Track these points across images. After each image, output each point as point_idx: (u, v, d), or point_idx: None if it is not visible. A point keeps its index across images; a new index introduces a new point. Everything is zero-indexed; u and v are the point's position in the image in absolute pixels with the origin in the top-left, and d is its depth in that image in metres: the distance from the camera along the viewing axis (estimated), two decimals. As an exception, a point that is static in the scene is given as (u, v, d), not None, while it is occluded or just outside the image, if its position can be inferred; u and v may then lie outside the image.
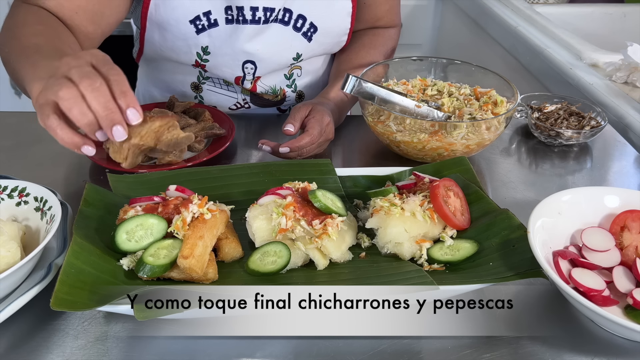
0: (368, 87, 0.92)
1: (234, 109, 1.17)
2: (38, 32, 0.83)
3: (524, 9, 1.69)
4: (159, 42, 1.05)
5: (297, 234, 0.69)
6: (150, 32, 1.04)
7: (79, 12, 0.92)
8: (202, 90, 1.15)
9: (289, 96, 1.18)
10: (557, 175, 0.98)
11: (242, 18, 1.01)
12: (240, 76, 1.09)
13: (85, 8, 0.92)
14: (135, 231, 0.67)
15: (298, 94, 1.19)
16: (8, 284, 0.62)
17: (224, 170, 0.85)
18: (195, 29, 1.01)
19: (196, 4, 0.99)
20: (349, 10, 1.07)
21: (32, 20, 0.86)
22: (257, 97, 1.15)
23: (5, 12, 0.93)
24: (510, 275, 0.65)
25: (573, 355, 0.62)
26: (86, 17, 0.93)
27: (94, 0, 0.93)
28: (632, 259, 0.69)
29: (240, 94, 1.14)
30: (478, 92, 1.03)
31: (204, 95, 1.15)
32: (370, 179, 0.85)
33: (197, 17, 1.00)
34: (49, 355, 0.60)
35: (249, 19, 1.01)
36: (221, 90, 1.14)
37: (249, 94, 1.14)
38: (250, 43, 1.04)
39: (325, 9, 1.05)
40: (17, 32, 0.84)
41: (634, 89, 1.24)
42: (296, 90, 1.18)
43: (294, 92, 1.18)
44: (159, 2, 0.99)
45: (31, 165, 0.94)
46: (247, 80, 1.10)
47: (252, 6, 1.00)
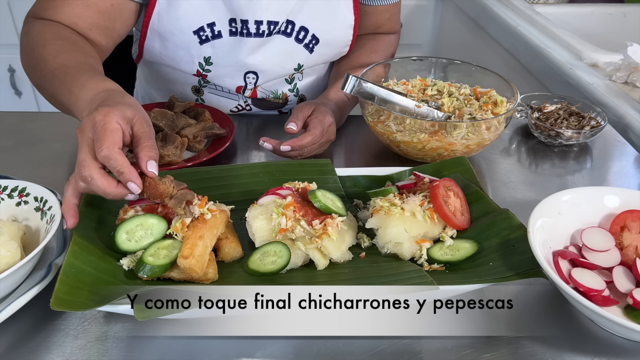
0: (368, 87, 0.92)
1: (236, 111, 1.17)
2: (60, 49, 0.84)
3: (524, 9, 1.69)
4: (159, 51, 1.05)
5: (297, 234, 0.69)
6: (151, 40, 1.04)
7: (93, 29, 0.94)
8: (204, 93, 1.15)
9: (291, 100, 1.18)
10: (557, 175, 0.98)
11: (245, 31, 1.01)
12: (241, 86, 1.10)
13: (98, 25, 0.94)
14: (135, 231, 0.67)
15: (300, 98, 1.19)
16: (8, 284, 0.62)
17: (224, 170, 0.85)
18: (199, 39, 1.01)
19: (200, 15, 0.99)
20: (351, 22, 1.07)
21: (50, 36, 0.87)
22: (259, 100, 1.15)
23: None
24: (510, 275, 0.65)
25: (573, 355, 0.62)
26: (99, 33, 0.95)
27: (105, 17, 0.94)
28: (632, 259, 0.69)
29: (242, 98, 1.15)
30: (478, 92, 1.03)
31: (205, 97, 1.16)
32: (370, 179, 0.85)
33: (201, 28, 1.00)
34: (49, 355, 0.60)
35: (252, 32, 1.01)
36: (222, 94, 1.14)
37: (250, 98, 1.15)
38: (253, 55, 1.04)
39: (328, 21, 1.05)
40: (40, 53, 0.85)
41: (634, 89, 1.24)
42: (298, 94, 1.18)
43: (296, 97, 1.18)
44: (162, 12, 0.99)
45: (31, 165, 0.94)
46: (248, 89, 1.11)
47: (256, 20, 1.00)
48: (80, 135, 0.66)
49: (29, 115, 1.17)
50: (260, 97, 1.14)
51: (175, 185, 0.67)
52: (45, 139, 1.02)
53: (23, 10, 0.99)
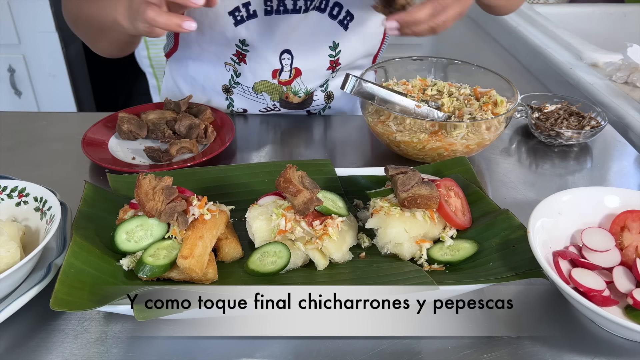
0: (368, 87, 0.92)
1: (264, 111, 1.17)
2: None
3: (524, 9, 1.69)
4: (195, 37, 1.05)
5: (296, 234, 0.69)
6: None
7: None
8: (233, 93, 1.15)
9: (317, 96, 1.17)
10: (557, 175, 0.98)
11: (282, 8, 1.00)
12: (277, 69, 1.09)
13: None
14: (135, 231, 0.67)
15: (327, 94, 1.18)
16: (8, 284, 0.62)
17: (224, 170, 0.85)
18: (234, 20, 1.01)
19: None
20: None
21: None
22: (286, 102, 1.14)
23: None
24: (510, 275, 0.65)
25: (573, 355, 0.62)
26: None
27: None
28: (632, 259, 0.69)
29: (270, 100, 1.14)
30: (478, 92, 1.03)
31: (235, 98, 1.15)
32: (370, 179, 0.85)
33: (237, 9, 1.00)
34: (49, 356, 0.60)
35: (289, 9, 1.00)
36: (250, 97, 1.14)
37: (278, 100, 1.14)
38: (288, 32, 1.03)
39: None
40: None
41: (634, 89, 1.24)
42: (326, 90, 1.17)
43: (324, 92, 1.17)
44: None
45: (31, 165, 0.94)
46: (284, 71, 1.09)
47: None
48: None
49: (29, 115, 1.17)
50: (293, 87, 1.12)
51: (166, 196, 0.67)
52: (45, 139, 1.02)
53: (23, 10, 0.99)
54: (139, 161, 0.95)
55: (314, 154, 1.02)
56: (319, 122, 1.14)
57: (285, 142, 1.07)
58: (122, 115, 1.01)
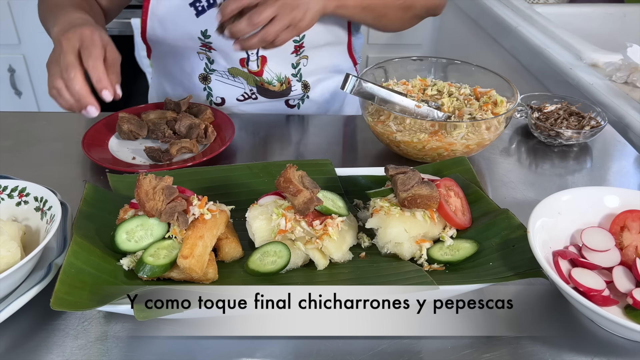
0: (368, 87, 0.92)
1: (242, 99, 1.17)
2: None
3: (524, 9, 1.69)
4: (162, 35, 1.07)
5: (296, 234, 0.69)
6: (152, 28, 1.05)
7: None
8: (211, 80, 1.15)
9: (294, 86, 1.18)
10: (557, 175, 0.98)
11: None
12: (244, 58, 1.10)
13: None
14: (136, 231, 0.67)
15: (303, 84, 1.19)
16: (8, 284, 0.62)
17: (224, 170, 0.85)
18: (195, 11, 1.02)
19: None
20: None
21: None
22: (263, 88, 1.15)
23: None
24: (510, 275, 0.65)
25: (573, 355, 0.62)
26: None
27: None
28: (632, 259, 0.69)
29: (247, 85, 1.15)
30: (478, 92, 1.03)
31: (213, 86, 1.16)
32: (370, 179, 0.85)
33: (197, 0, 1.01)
34: (49, 355, 0.60)
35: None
36: (228, 81, 1.15)
37: (255, 85, 1.15)
38: None
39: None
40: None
41: (634, 89, 1.24)
42: (301, 79, 1.18)
43: (299, 82, 1.18)
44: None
45: (31, 165, 0.94)
46: (251, 61, 1.10)
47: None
48: (65, 42, 0.79)
49: (29, 115, 1.17)
50: (265, 78, 1.13)
51: (166, 196, 0.67)
52: (45, 139, 1.02)
53: (23, 10, 0.99)
54: (139, 161, 0.95)
55: (314, 154, 1.03)
56: (319, 122, 1.14)
57: (285, 142, 1.08)
58: (123, 115, 1.01)
